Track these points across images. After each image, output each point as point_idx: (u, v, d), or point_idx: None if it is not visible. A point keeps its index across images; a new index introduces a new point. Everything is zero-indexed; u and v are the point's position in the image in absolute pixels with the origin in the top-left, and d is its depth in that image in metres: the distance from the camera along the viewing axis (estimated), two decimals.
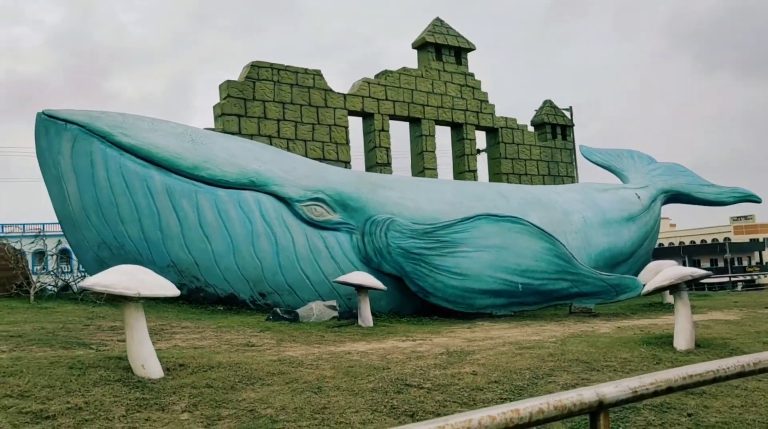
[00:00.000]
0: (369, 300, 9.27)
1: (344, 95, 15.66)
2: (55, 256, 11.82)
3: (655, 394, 2.03)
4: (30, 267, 12.34)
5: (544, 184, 18.83)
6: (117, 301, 5.80)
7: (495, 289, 10.92)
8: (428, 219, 11.68)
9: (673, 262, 11.94)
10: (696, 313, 11.32)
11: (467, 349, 6.94)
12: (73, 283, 11.52)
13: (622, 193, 16.97)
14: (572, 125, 20.52)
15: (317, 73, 15.21)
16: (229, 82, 14.09)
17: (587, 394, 1.88)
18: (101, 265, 10.91)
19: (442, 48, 17.49)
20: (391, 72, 16.58)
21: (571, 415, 1.84)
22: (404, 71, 16.82)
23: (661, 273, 7.22)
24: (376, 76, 16.52)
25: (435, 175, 16.85)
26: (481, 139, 18.82)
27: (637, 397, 1.98)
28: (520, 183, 18.44)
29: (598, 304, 11.44)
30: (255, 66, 14.43)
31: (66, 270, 12.55)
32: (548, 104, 20.12)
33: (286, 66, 14.75)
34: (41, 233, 12.02)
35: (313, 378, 5.43)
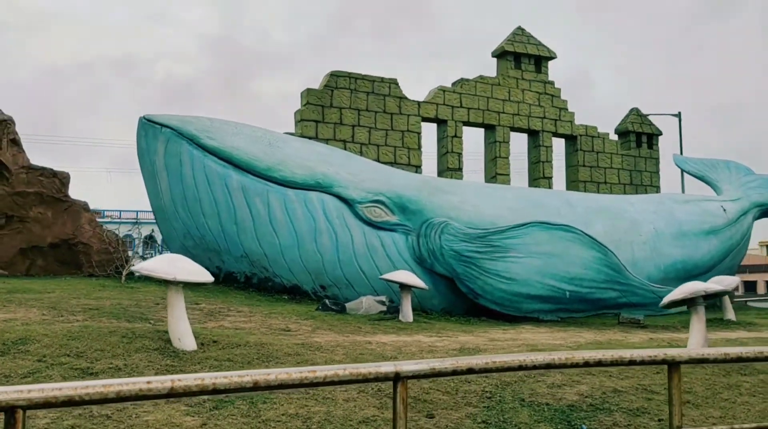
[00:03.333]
0: (411, 298, 9.94)
1: (418, 103, 16.38)
2: (141, 241, 13.35)
3: (454, 373, 2.62)
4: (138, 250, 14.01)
5: (625, 192, 18.60)
6: (162, 284, 6.81)
7: (542, 295, 11.26)
8: (487, 224, 12.14)
9: (736, 278, 11.69)
10: (754, 330, 11.10)
11: (481, 347, 7.48)
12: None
13: (705, 205, 16.52)
14: (660, 134, 20.05)
15: (393, 82, 16.02)
16: (309, 89, 15.21)
17: (386, 367, 2.52)
18: (186, 253, 12.31)
19: (522, 56, 17.77)
20: (467, 80, 17.09)
21: (368, 381, 2.49)
22: (481, 79, 17.28)
23: (679, 287, 7.40)
24: (453, 84, 17.11)
25: (507, 181, 17.19)
26: (560, 147, 18.92)
27: (436, 374, 2.59)
28: (598, 191, 18.35)
29: (648, 315, 11.46)
30: (334, 75, 15.47)
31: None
32: (634, 112, 19.78)
33: (364, 75, 15.67)
34: (138, 220, 13.62)
35: (321, 361, 6.21)
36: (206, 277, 6.18)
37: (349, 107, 15.35)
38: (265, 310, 9.53)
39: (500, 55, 17.87)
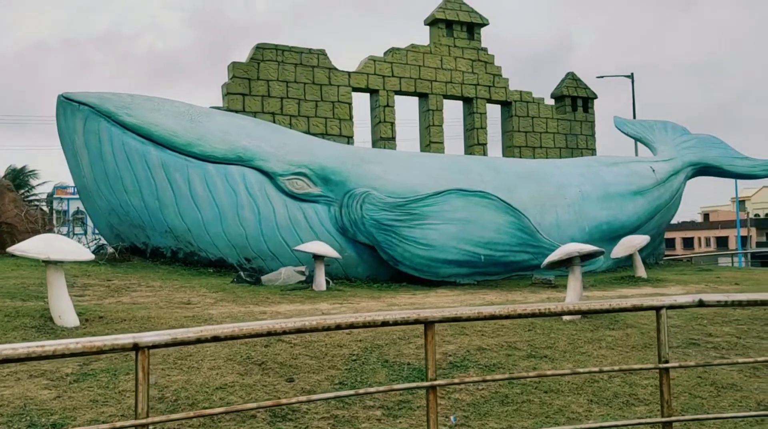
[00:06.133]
0: (324, 267, 10.22)
1: (348, 73, 16.47)
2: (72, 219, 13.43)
3: (198, 341, 2.85)
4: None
5: (560, 156, 18.99)
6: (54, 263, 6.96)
7: (459, 260, 11.62)
8: (410, 192, 12.38)
9: (645, 237, 12.12)
10: (659, 286, 11.57)
11: (375, 311, 7.78)
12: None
13: (634, 166, 16.97)
14: (595, 97, 20.41)
15: (321, 53, 16.07)
16: (234, 63, 15.22)
17: (124, 339, 2.74)
18: (111, 230, 12.45)
19: (454, 24, 17.89)
20: (398, 49, 17.19)
21: (104, 353, 2.72)
22: (412, 48, 17.39)
23: (557, 249, 7.75)
24: (385, 53, 17.20)
25: (442, 149, 17.45)
26: (497, 113, 19.17)
27: (177, 343, 2.82)
28: (533, 156, 18.71)
29: (559, 276, 11.87)
30: (260, 48, 15.47)
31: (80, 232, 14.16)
32: (570, 77, 20.09)
33: (291, 47, 15.70)
34: (52, 196, 13.64)
35: None
36: (84, 255, 6.35)
37: (276, 80, 15.41)
38: (180, 283, 9.73)
39: (432, 22, 17.97)
